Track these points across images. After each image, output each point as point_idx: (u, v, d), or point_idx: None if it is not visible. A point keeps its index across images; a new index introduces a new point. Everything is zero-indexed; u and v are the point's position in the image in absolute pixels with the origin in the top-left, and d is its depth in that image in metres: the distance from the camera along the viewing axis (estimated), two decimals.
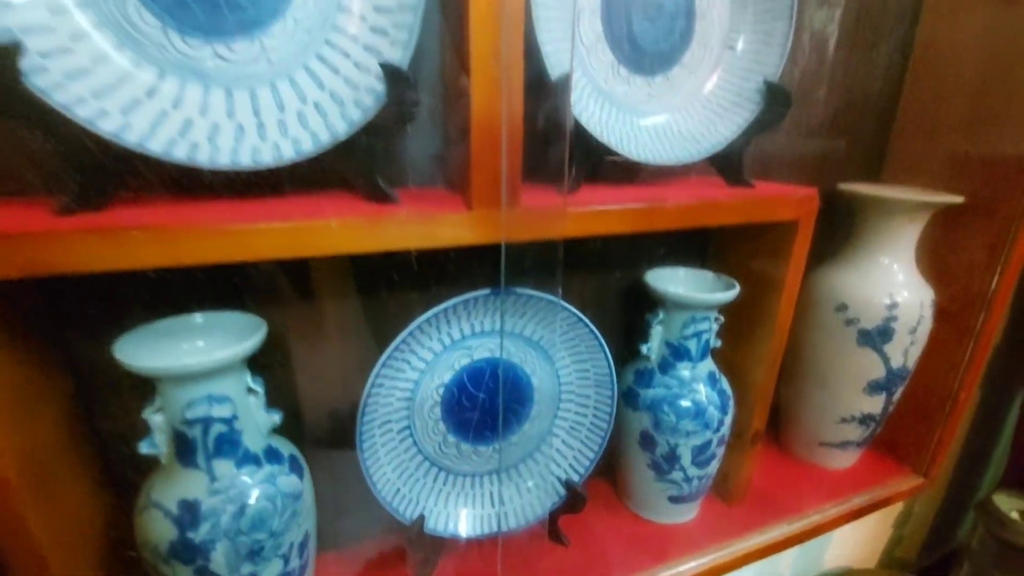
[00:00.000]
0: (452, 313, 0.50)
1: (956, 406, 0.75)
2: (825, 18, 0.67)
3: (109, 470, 0.47)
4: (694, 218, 0.49)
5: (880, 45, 0.72)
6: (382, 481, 0.53)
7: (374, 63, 0.39)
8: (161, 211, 0.36)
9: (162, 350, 0.41)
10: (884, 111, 0.76)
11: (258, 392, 0.44)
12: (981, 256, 0.69)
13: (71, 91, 0.33)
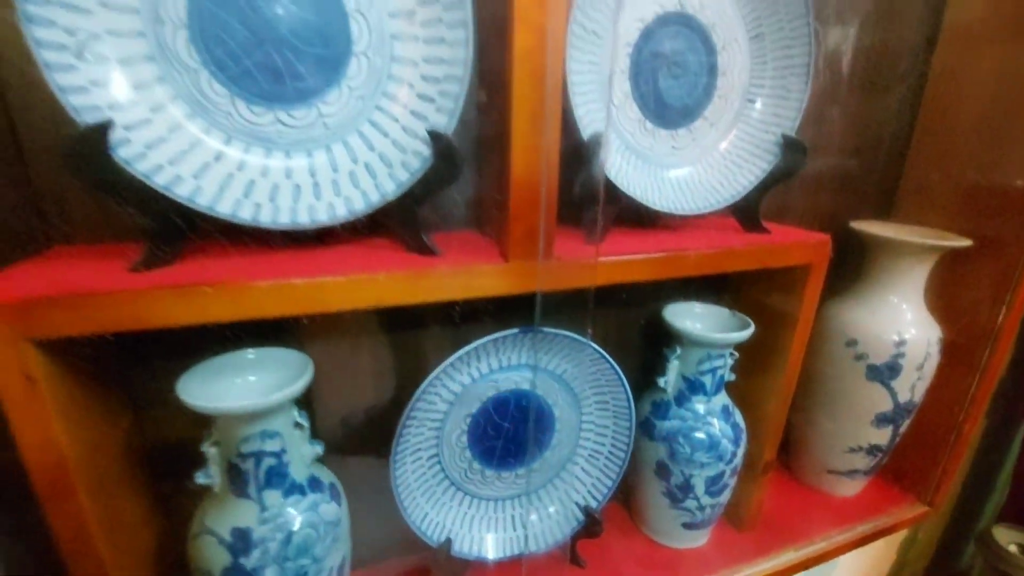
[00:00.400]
0: (482, 350, 0.53)
1: (961, 438, 0.77)
2: (839, 61, 0.69)
3: (161, 497, 0.51)
4: (713, 265, 0.52)
5: (893, 86, 0.74)
6: (412, 507, 0.56)
7: (421, 128, 0.42)
8: (225, 264, 0.39)
9: (219, 387, 0.44)
10: (896, 148, 0.79)
11: (304, 426, 0.47)
12: (988, 292, 0.72)
13: (150, 160, 0.36)
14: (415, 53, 0.41)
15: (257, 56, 0.38)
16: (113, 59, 0.35)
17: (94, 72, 0.34)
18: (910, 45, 0.73)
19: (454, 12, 0.40)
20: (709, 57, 0.53)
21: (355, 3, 0.39)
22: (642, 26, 0.49)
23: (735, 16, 0.52)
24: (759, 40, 0.54)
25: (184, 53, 0.37)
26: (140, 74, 0.36)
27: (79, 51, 0.34)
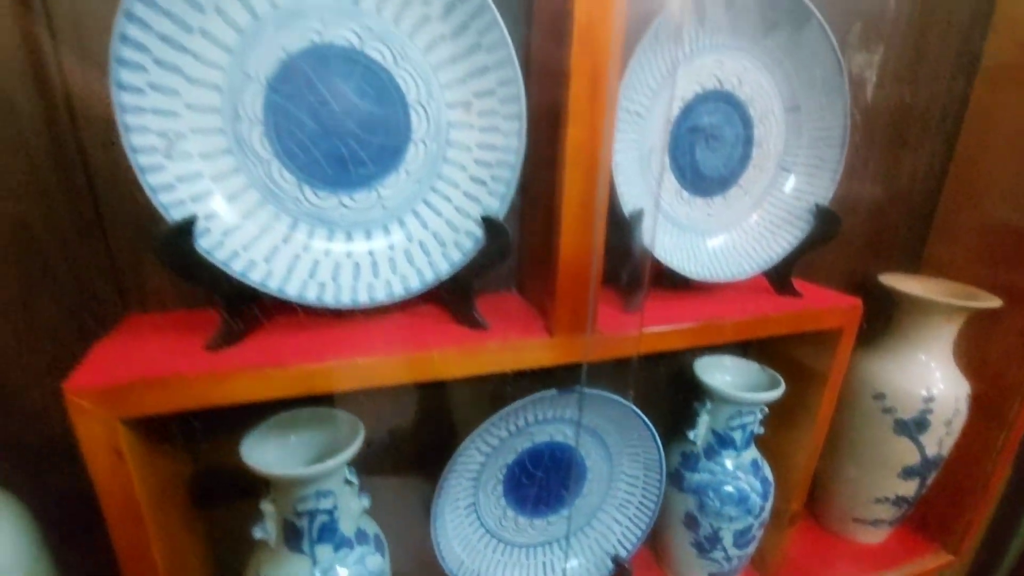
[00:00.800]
0: (521, 408, 0.55)
1: (988, 489, 0.77)
2: (871, 117, 0.71)
3: (214, 546, 0.53)
4: (748, 332, 0.53)
5: (924, 141, 0.75)
6: (449, 556, 0.58)
7: (473, 208, 0.44)
8: (290, 340, 0.41)
9: (277, 446, 0.47)
10: (926, 200, 0.79)
11: (353, 483, 0.49)
12: (1017, 347, 0.72)
13: (227, 247, 0.39)
14: (470, 140, 0.44)
15: (324, 146, 0.41)
16: (196, 155, 0.38)
17: (180, 169, 0.37)
18: (941, 103, 0.73)
19: (509, 105, 0.42)
20: (746, 130, 0.54)
21: (416, 96, 0.42)
22: (683, 104, 0.51)
23: (772, 90, 0.54)
24: (795, 112, 0.55)
25: (259, 146, 0.40)
26: (219, 167, 0.39)
27: (168, 152, 0.36)
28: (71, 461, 0.40)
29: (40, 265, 0.43)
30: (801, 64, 0.53)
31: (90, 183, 0.42)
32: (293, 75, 0.39)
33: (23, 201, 0.41)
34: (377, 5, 0.39)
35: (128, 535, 0.38)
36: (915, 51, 0.69)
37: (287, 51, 0.38)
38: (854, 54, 0.66)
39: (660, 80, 0.49)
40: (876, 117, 0.71)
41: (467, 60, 0.42)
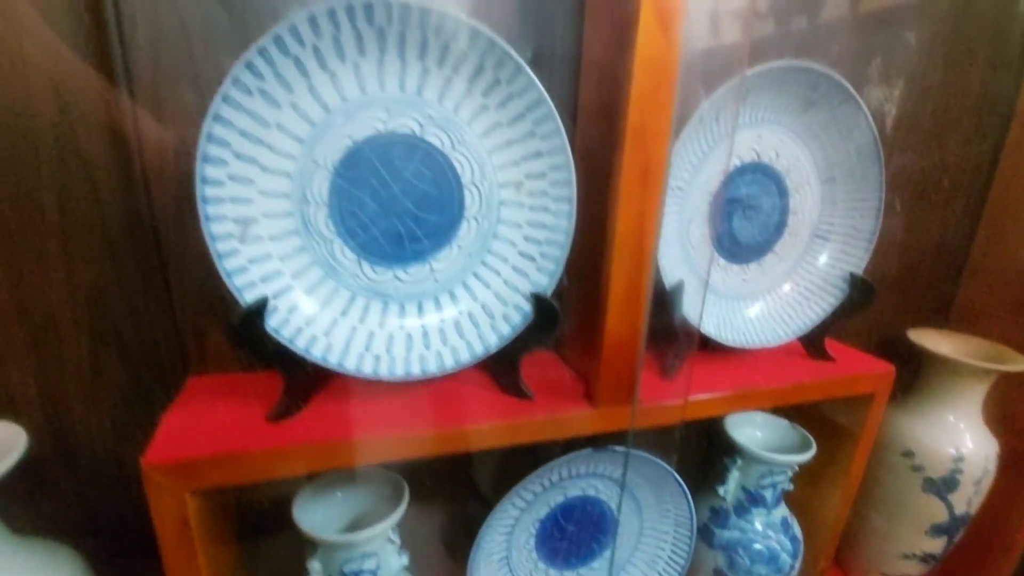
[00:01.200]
0: (556, 465, 0.56)
1: (1015, 547, 0.77)
2: (902, 176, 0.72)
3: None
4: (783, 399, 0.54)
5: (955, 198, 0.76)
6: None
7: (522, 283, 0.46)
8: (346, 412, 0.43)
9: (324, 505, 0.48)
10: (956, 255, 0.80)
11: (395, 542, 0.50)
12: None
13: (292, 324, 0.41)
14: (520, 217, 0.46)
15: (383, 225, 0.43)
16: (266, 237, 0.40)
17: (252, 252, 0.39)
18: (973, 162, 0.74)
19: (560, 188, 0.44)
20: (782, 199, 0.56)
21: (471, 176, 0.44)
22: (723, 177, 0.53)
23: (808, 162, 0.55)
24: (831, 183, 0.56)
25: (323, 227, 0.42)
26: (286, 248, 0.41)
27: (243, 237, 0.39)
28: (130, 517, 0.42)
29: (111, 329, 0.45)
30: (838, 138, 0.54)
31: (160, 254, 0.44)
32: (358, 161, 0.41)
33: (97, 269, 0.43)
34: (439, 95, 0.41)
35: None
36: (945, 108, 0.70)
37: (353, 139, 0.41)
38: (885, 111, 0.68)
39: (701, 156, 0.51)
40: (908, 172, 0.72)
41: (521, 145, 0.44)
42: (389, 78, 0.40)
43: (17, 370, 0.43)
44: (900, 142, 0.69)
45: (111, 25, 0.37)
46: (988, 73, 0.71)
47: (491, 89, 0.42)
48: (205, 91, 0.41)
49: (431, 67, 0.40)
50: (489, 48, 0.39)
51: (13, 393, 0.44)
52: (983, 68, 0.70)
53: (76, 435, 0.46)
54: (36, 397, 0.44)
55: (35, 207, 0.41)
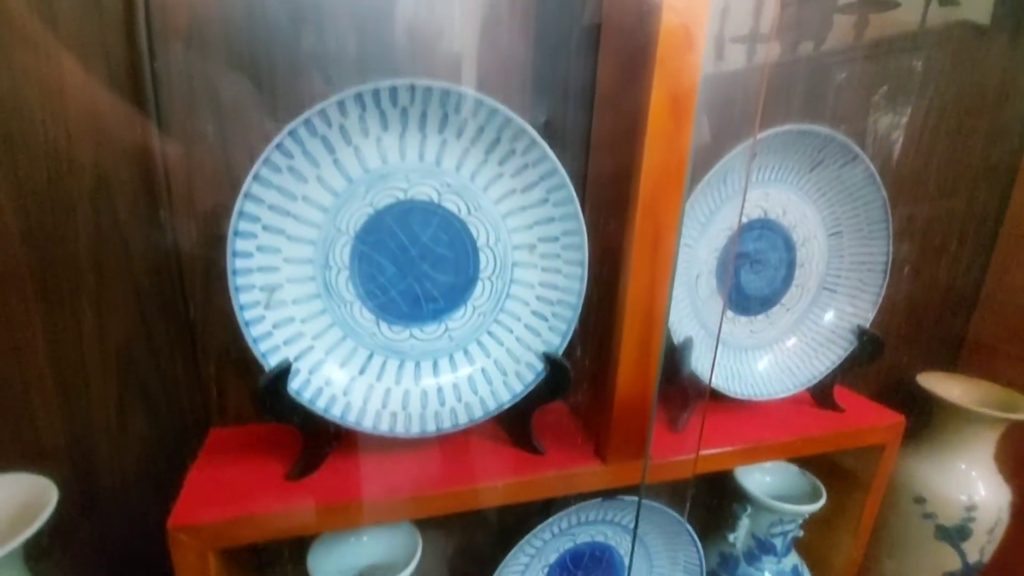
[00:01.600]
0: (566, 513, 0.57)
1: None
2: (911, 227, 0.72)
3: None
4: (792, 451, 0.55)
5: (963, 247, 0.77)
6: None
7: (535, 342, 0.47)
8: (362, 471, 0.44)
9: (339, 552, 0.49)
10: (965, 300, 0.80)
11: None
12: None
13: (313, 384, 0.42)
14: (533, 278, 0.47)
15: (401, 287, 0.45)
16: (290, 302, 0.42)
17: (276, 316, 0.41)
18: (981, 209, 0.75)
19: (572, 252, 0.45)
20: (789, 253, 0.57)
21: (485, 240, 0.45)
22: (729, 233, 0.54)
23: (815, 217, 0.57)
24: (838, 237, 0.57)
25: (344, 290, 0.43)
26: (308, 310, 0.43)
27: (268, 303, 0.40)
28: (153, 569, 0.43)
29: (138, 383, 0.47)
30: (845, 195, 0.55)
31: (187, 313, 0.46)
32: (378, 227, 0.43)
33: (127, 326, 0.45)
34: (457, 164, 0.43)
35: None
36: (953, 158, 0.72)
37: (374, 207, 0.42)
38: (894, 161, 0.69)
39: (708, 215, 0.52)
40: (918, 219, 0.73)
41: (534, 210, 0.45)
42: (410, 150, 0.42)
43: (47, 422, 0.45)
44: (908, 191, 0.70)
45: (150, 102, 0.40)
46: (995, 122, 0.72)
47: (507, 159, 0.43)
48: (234, 162, 0.43)
49: (450, 139, 0.42)
50: (506, 123, 0.41)
51: (43, 444, 0.46)
52: (990, 118, 0.71)
53: (101, 486, 0.47)
54: (64, 448, 0.46)
55: (72, 267, 0.43)
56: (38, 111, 0.38)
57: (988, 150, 0.73)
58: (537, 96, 0.49)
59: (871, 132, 0.66)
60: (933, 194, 0.72)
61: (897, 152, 0.69)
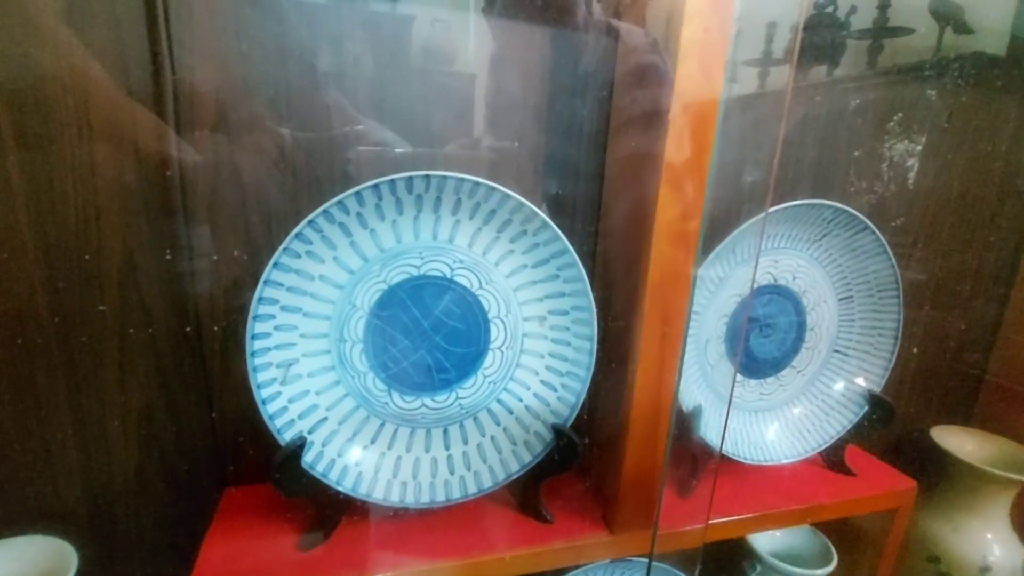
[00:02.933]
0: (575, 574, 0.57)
1: None
2: (926, 278, 0.72)
3: None
4: (803, 518, 0.55)
5: (977, 296, 0.76)
6: None
7: (544, 411, 0.48)
8: (370, 541, 0.45)
9: None
10: (981, 351, 0.80)
11: None
12: None
13: (326, 456, 0.43)
14: (543, 348, 0.48)
15: (413, 358, 0.45)
16: (305, 375, 0.43)
17: (291, 391, 0.42)
18: (994, 263, 0.75)
19: (581, 327, 0.46)
20: (799, 317, 0.57)
21: (496, 311, 0.46)
22: (739, 299, 0.54)
23: (824, 282, 0.57)
24: (848, 302, 0.58)
25: (357, 361, 0.44)
26: (322, 382, 0.44)
27: (284, 379, 0.41)
28: None
29: (157, 447, 0.48)
30: (855, 262, 0.56)
31: (206, 382, 0.47)
32: (391, 301, 0.44)
33: (148, 394, 0.47)
34: (469, 242, 0.44)
35: None
36: (966, 217, 0.71)
37: (388, 283, 0.43)
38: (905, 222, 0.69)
39: (717, 282, 0.52)
40: (932, 274, 0.73)
41: (545, 284, 0.46)
42: (423, 230, 0.43)
43: (69, 486, 0.46)
44: (922, 249, 0.70)
45: (176, 192, 0.41)
46: (1006, 180, 0.72)
47: (518, 237, 0.44)
48: (255, 243, 0.44)
49: (463, 219, 0.43)
50: (518, 207, 0.42)
51: (64, 508, 0.47)
52: (1000, 177, 0.71)
53: (119, 547, 0.48)
54: (84, 511, 0.47)
55: (97, 340, 0.44)
56: (71, 194, 0.40)
57: (998, 211, 0.73)
58: (549, 170, 0.50)
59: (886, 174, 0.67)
60: (946, 253, 0.72)
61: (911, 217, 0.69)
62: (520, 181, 0.41)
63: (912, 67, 0.67)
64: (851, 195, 0.66)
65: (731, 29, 0.36)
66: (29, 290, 0.41)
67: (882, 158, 0.66)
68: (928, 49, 0.67)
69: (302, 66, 0.43)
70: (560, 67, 0.48)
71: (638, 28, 0.44)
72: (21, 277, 0.41)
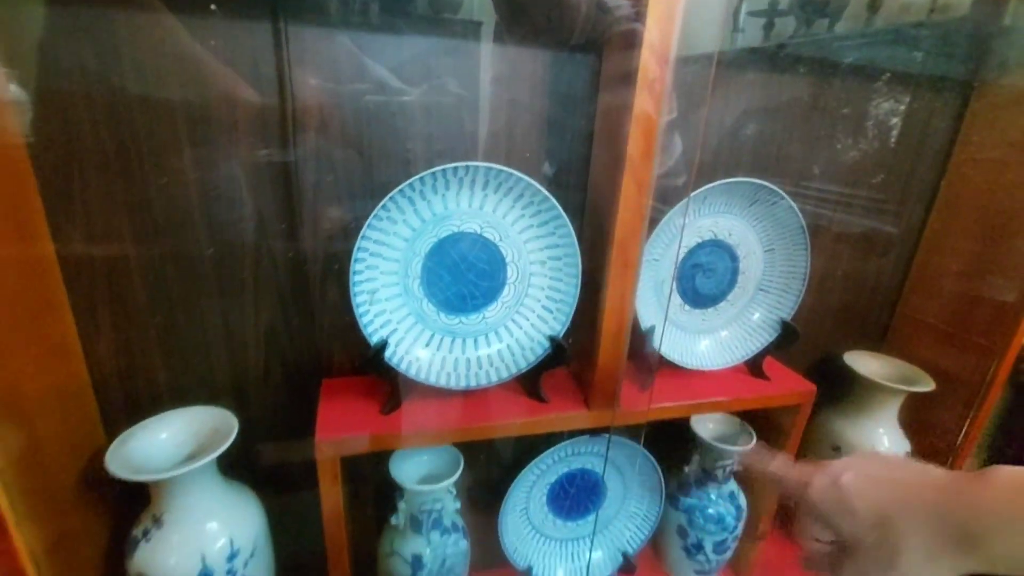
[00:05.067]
0: (563, 445, 0.80)
1: None
2: (849, 228, 0.91)
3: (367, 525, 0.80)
4: (726, 408, 0.77)
5: (890, 250, 0.96)
6: (508, 543, 0.84)
7: (544, 328, 0.69)
8: (430, 408, 0.67)
9: (412, 463, 0.73)
10: (891, 292, 1.00)
11: (453, 492, 0.75)
12: (949, 418, 0.93)
13: (398, 353, 0.65)
14: (544, 284, 0.68)
15: (454, 289, 0.66)
16: (383, 299, 0.64)
17: (375, 309, 0.63)
18: (906, 222, 0.94)
19: (570, 267, 0.66)
20: (733, 263, 0.77)
21: (512, 258, 0.67)
22: (687, 249, 0.74)
23: (754, 238, 0.76)
24: (771, 252, 0.77)
25: (416, 290, 0.65)
26: (394, 304, 0.65)
27: (371, 301, 0.62)
28: (294, 469, 0.67)
29: (277, 350, 0.70)
30: (775, 223, 0.75)
31: (311, 304, 0.68)
32: (439, 250, 0.64)
33: (272, 314, 0.68)
34: (494, 209, 0.64)
35: (334, 520, 0.65)
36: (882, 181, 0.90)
37: (437, 237, 0.63)
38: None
39: (669, 240, 0.72)
40: (853, 228, 0.92)
41: (545, 239, 0.66)
42: (463, 200, 0.63)
43: (222, 374, 0.69)
44: (844, 206, 0.89)
45: (293, 177, 0.61)
46: (918, 149, 0.90)
47: (527, 206, 0.64)
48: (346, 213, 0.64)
49: (489, 193, 0.63)
50: (528, 186, 0.61)
51: (217, 387, 0.69)
52: (914, 150, 0.89)
53: (253, 416, 0.71)
54: (230, 393, 0.70)
55: (239, 273, 0.65)
56: (223, 180, 0.60)
57: (908, 180, 0.91)
58: (550, 159, 0.69)
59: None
60: (864, 212, 0.91)
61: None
62: (529, 160, 0.60)
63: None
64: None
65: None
66: (196, 240, 0.62)
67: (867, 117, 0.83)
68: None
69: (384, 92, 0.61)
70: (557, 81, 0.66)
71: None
72: (189, 236, 0.61)
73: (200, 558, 0.59)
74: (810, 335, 0.97)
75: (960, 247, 0.90)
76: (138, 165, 0.57)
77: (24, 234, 0.54)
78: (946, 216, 0.92)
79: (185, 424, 0.65)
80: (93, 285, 0.60)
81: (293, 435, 0.72)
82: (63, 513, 0.57)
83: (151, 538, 0.59)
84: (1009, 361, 0.85)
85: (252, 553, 0.64)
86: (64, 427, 0.58)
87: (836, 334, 1.00)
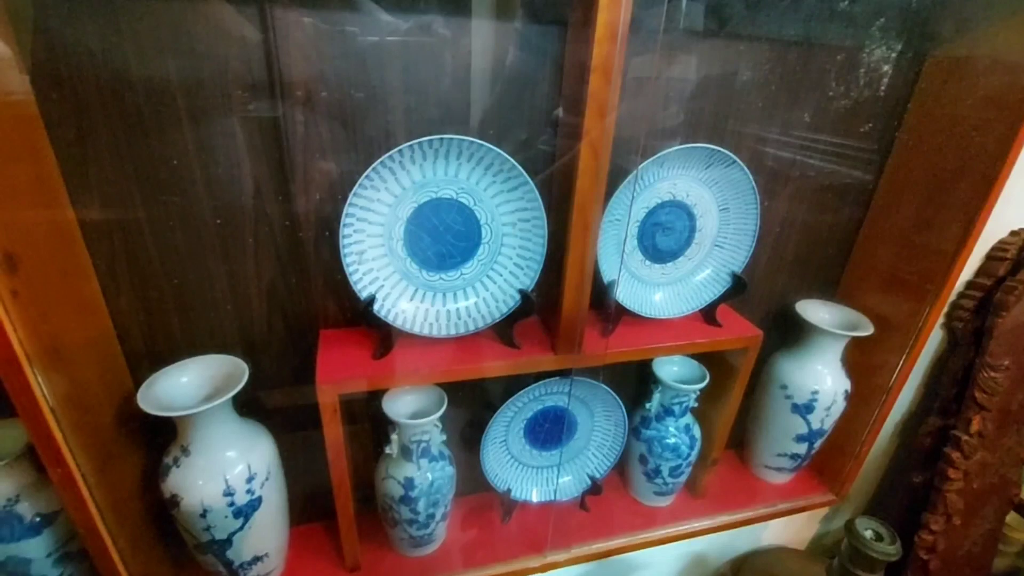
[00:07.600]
0: (536, 386, 0.90)
1: (859, 455, 1.11)
2: (804, 183, 0.98)
3: (364, 453, 0.92)
4: (683, 351, 0.87)
5: (842, 207, 1.03)
6: (489, 470, 0.95)
7: (515, 282, 0.77)
8: (416, 353, 0.76)
9: (399, 404, 0.83)
10: (844, 245, 1.08)
11: (439, 426, 0.86)
12: (887, 359, 1.03)
13: (385, 306, 0.73)
14: (515, 243, 0.76)
15: (433, 249, 0.74)
16: (371, 259, 0.72)
17: (364, 268, 0.71)
18: (859, 181, 1.00)
19: (538, 230, 0.74)
20: (691, 221, 0.85)
21: (486, 220, 0.74)
22: (647, 209, 0.82)
23: (709, 198, 0.84)
24: (726, 212, 0.85)
25: (399, 251, 0.73)
26: (380, 264, 0.73)
27: (359, 260, 0.70)
28: (299, 409, 0.77)
29: (278, 305, 0.78)
30: (729, 183, 0.82)
31: (306, 263, 0.76)
32: (420, 214, 0.71)
33: (272, 272, 0.76)
34: (468, 176, 0.71)
35: (336, 450, 0.75)
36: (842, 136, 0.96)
37: (417, 202, 0.71)
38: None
39: (630, 199, 0.79)
40: (809, 184, 0.99)
41: (515, 203, 0.73)
42: (439, 168, 0.69)
43: (229, 326, 0.77)
44: (801, 167, 0.96)
45: (286, 152, 0.67)
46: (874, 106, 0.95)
47: (498, 174, 0.71)
48: (336, 175, 0.71)
49: (463, 162, 0.69)
50: (498, 156, 0.68)
51: (226, 339, 0.78)
52: (870, 107, 0.94)
53: (258, 362, 0.80)
54: (238, 343, 0.79)
55: (242, 246, 0.72)
56: (233, 153, 0.66)
57: (864, 140, 0.97)
58: (522, 131, 0.75)
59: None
60: (820, 170, 0.97)
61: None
62: (502, 132, 0.66)
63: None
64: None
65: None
66: (200, 209, 0.69)
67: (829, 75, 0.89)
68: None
69: (369, 76, 0.66)
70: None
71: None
72: (195, 205, 0.68)
73: (223, 480, 0.70)
74: (767, 285, 1.06)
75: (908, 200, 0.97)
76: (142, 137, 0.63)
77: (50, 202, 0.61)
78: (899, 170, 0.99)
79: (202, 370, 0.74)
80: (112, 249, 0.67)
81: (297, 380, 0.82)
82: (105, 444, 0.67)
83: (181, 464, 0.69)
84: (940, 305, 0.94)
85: (267, 477, 0.75)
86: (99, 373, 0.67)
87: (792, 283, 1.08)
